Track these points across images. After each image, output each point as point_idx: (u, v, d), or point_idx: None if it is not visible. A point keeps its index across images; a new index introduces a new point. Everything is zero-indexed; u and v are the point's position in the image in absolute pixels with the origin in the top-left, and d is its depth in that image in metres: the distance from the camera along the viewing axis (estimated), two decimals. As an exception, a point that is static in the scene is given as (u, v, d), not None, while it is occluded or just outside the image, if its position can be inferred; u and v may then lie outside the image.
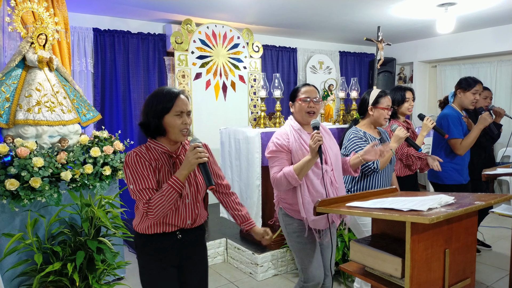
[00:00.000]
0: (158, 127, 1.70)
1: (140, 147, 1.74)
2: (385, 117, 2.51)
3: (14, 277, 2.76)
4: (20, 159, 2.71)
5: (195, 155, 1.63)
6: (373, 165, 2.38)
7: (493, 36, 5.77)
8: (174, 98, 1.70)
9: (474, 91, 3.10)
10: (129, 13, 4.74)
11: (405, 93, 2.98)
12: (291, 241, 2.23)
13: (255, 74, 5.65)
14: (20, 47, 3.05)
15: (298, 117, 2.20)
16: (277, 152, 2.11)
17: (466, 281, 1.59)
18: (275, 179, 2.10)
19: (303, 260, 2.19)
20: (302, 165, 2.03)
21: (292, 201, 2.15)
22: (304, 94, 2.17)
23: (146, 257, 1.79)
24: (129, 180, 1.68)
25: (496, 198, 1.56)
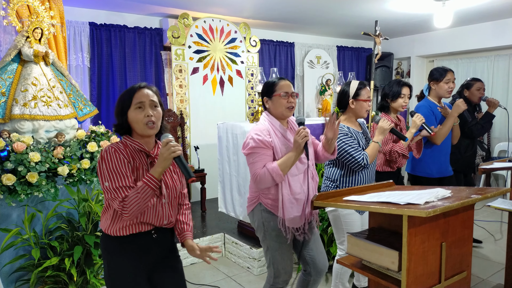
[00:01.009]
0: (123, 124, 1.67)
1: (117, 143, 1.68)
2: (366, 109, 2.44)
3: (11, 272, 2.76)
4: (17, 154, 2.70)
5: (169, 150, 1.57)
6: (363, 161, 2.33)
7: (491, 31, 5.77)
8: (133, 92, 1.66)
9: (446, 80, 3.07)
10: (125, 7, 4.71)
11: (402, 89, 2.86)
12: (268, 239, 2.14)
13: (252, 69, 5.64)
14: (16, 41, 3.02)
15: (277, 112, 2.11)
16: (257, 148, 2.03)
17: (462, 274, 1.60)
18: (258, 176, 2.02)
19: (275, 258, 2.14)
20: (286, 160, 1.98)
21: (275, 196, 2.08)
22: (281, 89, 2.09)
23: (120, 260, 1.69)
24: (104, 176, 1.60)
25: (492, 191, 1.57)
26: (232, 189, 3.76)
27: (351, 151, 2.35)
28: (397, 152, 2.76)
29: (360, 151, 2.36)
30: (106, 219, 1.71)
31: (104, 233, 1.72)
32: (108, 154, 1.61)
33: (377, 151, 2.43)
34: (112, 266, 1.71)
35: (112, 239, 1.69)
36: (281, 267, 2.15)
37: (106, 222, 1.70)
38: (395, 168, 2.89)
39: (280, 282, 2.18)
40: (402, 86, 2.88)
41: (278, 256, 2.14)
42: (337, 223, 2.48)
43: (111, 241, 1.70)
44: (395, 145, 2.77)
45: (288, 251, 2.16)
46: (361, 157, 2.34)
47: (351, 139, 2.39)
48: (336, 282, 2.60)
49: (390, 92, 2.90)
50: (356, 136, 2.44)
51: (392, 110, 2.95)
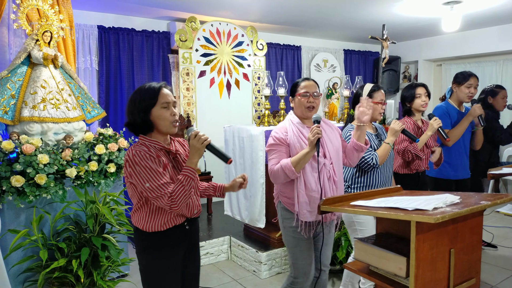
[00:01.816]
0: (146, 122, 1.71)
1: (138, 145, 1.71)
2: (379, 111, 2.48)
3: (19, 273, 2.78)
4: (26, 156, 2.72)
5: (199, 140, 1.67)
6: (372, 161, 2.36)
7: (499, 35, 5.73)
8: (158, 91, 1.71)
9: (468, 84, 3.09)
10: (133, 10, 4.75)
11: (416, 89, 2.90)
12: (286, 236, 2.21)
13: (259, 72, 5.65)
14: (25, 44, 3.06)
15: (298, 112, 2.19)
16: (275, 145, 2.11)
17: (471, 281, 1.58)
18: (272, 171, 2.09)
19: (295, 256, 2.18)
20: (300, 157, 2.02)
21: (291, 195, 2.14)
22: (303, 89, 2.15)
23: (156, 254, 1.77)
24: (143, 178, 1.63)
25: (502, 198, 1.55)
26: (238, 193, 3.76)
27: None
28: (410, 152, 2.77)
29: (370, 151, 2.39)
30: (141, 217, 1.75)
31: (140, 230, 1.76)
32: (140, 156, 1.65)
33: (388, 152, 2.44)
34: (149, 261, 1.78)
35: (149, 235, 1.75)
36: (301, 264, 2.17)
37: (142, 220, 1.75)
38: (413, 170, 2.88)
39: (299, 283, 2.20)
40: (415, 87, 2.93)
41: (298, 254, 2.18)
42: (352, 225, 2.50)
43: (148, 237, 1.76)
44: (409, 145, 2.78)
45: (308, 249, 2.18)
46: (371, 156, 2.37)
47: None
48: (346, 282, 2.63)
49: (406, 96, 2.97)
50: (368, 136, 2.45)
51: (415, 112, 2.98)
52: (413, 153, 2.76)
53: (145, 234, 1.76)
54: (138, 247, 1.82)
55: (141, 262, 1.81)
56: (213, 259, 3.76)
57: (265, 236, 3.64)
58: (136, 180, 1.65)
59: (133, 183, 1.68)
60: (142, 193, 1.68)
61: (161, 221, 1.74)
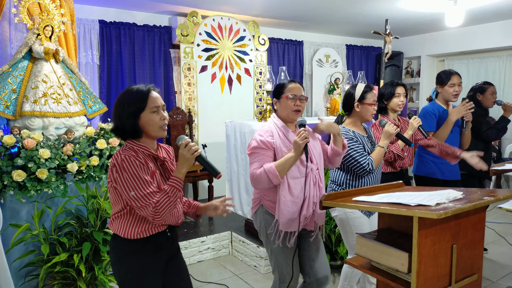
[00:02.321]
0: (135, 128, 1.64)
1: (127, 150, 1.64)
2: (371, 112, 2.41)
3: (21, 268, 2.78)
4: (27, 151, 2.72)
5: (189, 151, 1.62)
6: (368, 166, 2.30)
7: (503, 30, 5.69)
8: (146, 95, 1.64)
9: (451, 84, 3.02)
10: (135, 5, 4.73)
11: (395, 88, 2.84)
12: (271, 243, 2.10)
13: (261, 67, 5.63)
14: (27, 38, 3.05)
15: (283, 114, 2.10)
16: (258, 148, 2.02)
17: (473, 277, 1.58)
18: (254, 176, 1.99)
19: (279, 262, 2.10)
20: (284, 162, 1.95)
21: (275, 198, 2.05)
22: (290, 91, 2.07)
23: (139, 261, 1.70)
24: (128, 186, 1.57)
25: (505, 194, 1.54)
26: (239, 188, 3.75)
27: (356, 156, 2.31)
28: (392, 152, 2.74)
29: (366, 156, 2.32)
30: (123, 224, 1.68)
31: (120, 238, 1.69)
32: (128, 162, 1.59)
33: (383, 155, 2.39)
34: (131, 269, 1.70)
35: (130, 242, 1.68)
36: (286, 272, 2.10)
37: (123, 227, 1.68)
38: (398, 168, 2.85)
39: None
40: (396, 86, 2.86)
41: (282, 261, 2.10)
42: (346, 228, 2.43)
43: (129, 244, 1.69)
44: (391, 146, 2.74)
45: (293, 255, 2.10)
46: (366, 162, 2.30)
47: (356, 143, 2.35)
48: (344, 284, 2.55)
49: (384, 93, 2.89)
50: (362, 140, 2.40)
51: (390, 111, 2.92)
52: (395, 153, 2.74)
53: (125, 241, 1.68)
54: (116, 255, 1.73)
55: (120, 270, 1.72)
56: (214, 254, 3.77)
57: (266, 231, 3.64)
58: (122, 187, 1.59)
59: (118, 189, 1.62)
60: (127, 201, 1.63)
61: (144, 227, 1.68)
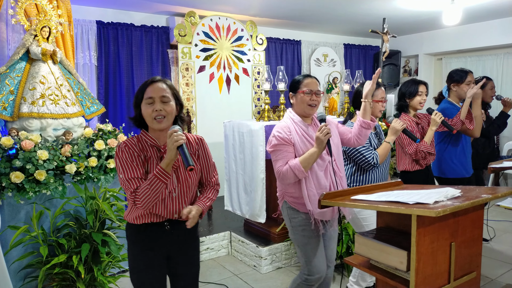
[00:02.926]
0: (136, 118, 1.76)
1: (131, 138, 1.77)
2: (380, 109, 2.48)
3: (20, 269, 2.78)
4: (25, 152, 2.72)
5: (171, 139, 1.62)
6: (373, 160, 2.36)
7: (500, 28, 5.69)
8: (145, 86, 1.72)
9: (468, 82, 3.09)
10: (132, 5, 4.72)
11: (418, 87, 2.89)
12: (295, 235, 2.20)
13: (259, 67, 5.63)
14: (24, 39, 3.04)
15: (299, 109, 2.16)
16: (279, 145, 2.08)
17: (471, 274, 1.58)
18: (280, 173, 2.07)
19: (307, 254, 2.17)
20: (308, 157, 2.02)
21: (297, 194, 2.13)
22: (306, 86, 2.12)
23: (136, 246, 1.82)
24: (118, 169, 1.72)
25: (503, 191, 1.54)
26: (238, 188, 3.75)
27: (362, 149, 2.38)
28: (423, 151, 2.78)
29: (371, 150, 2.39)
30: (128, 207, 1.83)
31: (126, 220, 1.85)
32: (120, 149, 1.72)
33: (389, 151, 2.45)
34: (130, 252, 1.85)
35: (130, 226, 1.82)
36: (314, 264, 2.16)
37: (127, 210, 1.83)
38: (423, 165, 2.89)
39: (313, 280, 2.18)
40: (418, 84, 2.91)
41: (310, 252, 2.16)
42: (356, 222, 2.50)
43: (130, 228, 1.83)
44: (419, 145, 2.78)
45: (319, 246, 2.18)
46: (372, 156, 2.37)
47: None
48: (355, 274, 2.63)
49: (407, 91, 2.93)
50: (369, 135, 2.45)
51: (411, 109, 2.97)
52: (425, 151, 2.79)
53: (127, 225, 1.84)
54: (126, 235, 1.89)
55: (128, 250, 1.88)
56: (214, 254, 3.77)
57: (266, 231, 3.65)
58: (116, 170, 1.74)
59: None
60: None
61: (137, 214, 1.77)
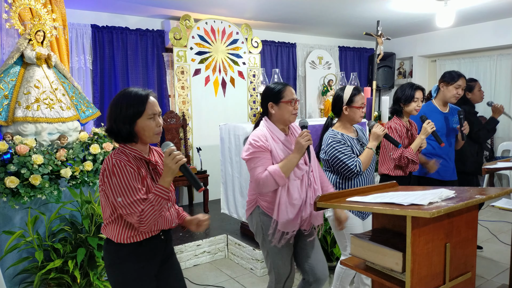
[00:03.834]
0: (131, 133, 1.63)
1: (118, 154, 1.64)
2: (360, 115, 2.42)
3: (15, 275, 2.76)
4: (20, 157, 2.70)
5: (173, 160, 1.58)
6: (356, 168, 2.31)
7: (493, 30, 5.75)
8: (145, 101, 1.63)
9: (457, 85, 3.01)
10: (127, 9, 4.72)
11: (415, 92, 2.79)
12: (266, 243, 2.12)
13: (254, 70, 5.64)
14: (18, 44, 3.03)
15: (280, 118, 2.11)
16: (257, 152, 2.03)
17: (466, 275, 1.59)
18: (260, 180, 2.00)
19: (276, 262, 2.12)
20: (288, 162, 1.99)
21: (272, 199, 2.08)
22: (288, 96, 2.10)
23: (134, 265, 1.70)
24: (116, 192, 1.57)
25: (497, 192, 1.56)
26: (234, 190, 3.75)
27: (344, 158, 2.33)
28: (407, 158, 2.71)
29: (353, 158, 2.33)
30: (114, 229, 1.68)
31: (113, 242, 1.69)
32: (119, 167, 1.58)
33: (371, 157, 2.39)
34: (126, 273, 1.70)
35: (123, 247, 1.68)
36: (282, 272, 2.12)
37: (115, 232, 1.68)
38: (407, 172, 2.83)
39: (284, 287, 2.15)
40: (415, 89, 2.80)
41: (279, 261, 2.11)
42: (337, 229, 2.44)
43: (122, 248, 1.68)
44: (405, 151, 2.71)
45: (289, 255, 2.14)
46: (354, 164, 2.31)
47: (344, 146, 2.36)
48: (336, 285, 2.56)
49: (402, 96, 2.83)
50: (350, 142, 2.41)
51: (405, 114, 2.88)
52: (410, 158, 2.71)
53: (118, 246, 1.68)
54: (110, 260, 1.73)
55: (114, 275, 1.72)
56: (210, 258, 3.76)
57: (262, 233, 3.64)
58: (110, 191, 1.59)
59: (106, 193, 1.62)
60: (115, 206, 1.62)
61: (136, 231, 1.68)
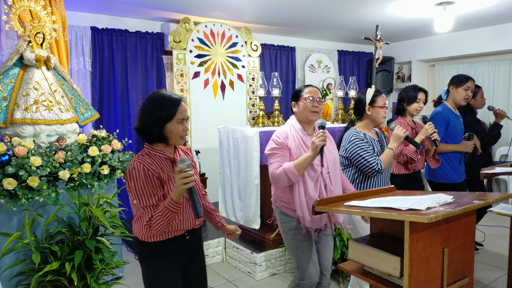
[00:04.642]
0: (159, 134, 1.69)
1: (142, 156, 1.70)
2: (382, 115, 2.52)
3: (12, 277, 2.75)
4: (18, 158, 2.70)
5: (181, 180, 1.57)
6: (377, 166, 2.38)
7: (491, 35, 5.77)
8: (177, 105, 1.70)
9: (466, 87, 3.15)
10: (127, 11, 4.73)
11: (418, 94, 2.97)
12: (287, 239, 2.24)
13: (253, 73, 5.64)
14: (18, 45, 3.03)
15: (302, 116, 2.22)
16: (277, 149, 2.14)
17: (464, 280, 1.59)
18: (274, 175, 2.11)
19: (299, 258, 2.20)
20: (302, 161, 2.06)
21: (288, 199, 2.17)
22: (308, 93, 2.20)
23: (156, 263, 1.76)
24: (133, 194, 1.65)
25: (495, 197, 1.56)
26: (232, 194, 3.75)
27: (366, 155, 2.40)
28: (405, 155, 2.86)
29: (375, 156, 2.41)
30: (140, 227, 1.74)
31: (140, 240, 1.76)
32: (137, 172, 1.63)
33: (391, 157, 2.48)
34: (150, 270, 1.77)
35: (148, 245, 1.74)
36: (305, 268, 2.19)
37: (141, 230, 1.74)
38: (411, 170, 2.94)
39: (305, 284, 2.21)
40: (418, 91, 2.99)
41: (301, 255, 2.19)
42: (355, 229, 2.51)
43: (147, 247, 1.75)
44: (404, 148, 2.86)
45: (310, 250, 2.21)
46: (376, 162, 2.39)
47: (367, 144, 2.44)
48: (354, 283, 2.63)
49: (406, 97, 3.01)
50: (372, 142, 2.49)
51: (408, 114, 3.06)
52: (408, 156, 2.84)
53: (144, 244, 1.75)
54: (139, 256, 1.82)
55: (143, 270, 1.80)
56: (208, 261, 3.75)
57: (260, 237, 3.64)
58: (129, 192, 1.67)
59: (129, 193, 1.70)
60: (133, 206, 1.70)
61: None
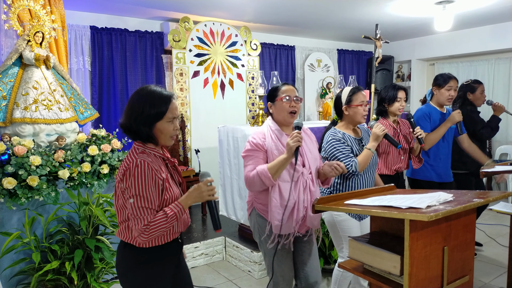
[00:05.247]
0: (148, 134, 1.59)
1: (142, 154, 1.59)
2: (362, 114, 2.38)
3: (12, 276, 2.75)
4: (18, 158, 2.70)
5: (209, 191, 1.57)
6: (352, 168, 2.27)
7: (491, 34, 5.77)
8: (168, 103, 1.60)
9: (448, 87, 3.08)
10: (126, 11, 4.72)
11: (397, 92, 2.87)
12: (263, 244, 2.12)
13: (253, 72, 5.64)
14: (17, 45, 3.03)
15: (279, 117, 2.10)
16: (252, 151, 2.03)
17: (464, 278, 1.59)
18: (248, 178, 2.00)
19: (272, 264, 2.10)
20: (277, 163, 1.94)
21: (265, 201, 2.06)
22: (284, 93, 2.08)
23: (153, 269, 1.65)
24: (131, 192, 1.52)
25: (495, 195, 1.56)
26: (233, 192, 3.75)
27: (341, 156, 2.30)
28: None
29: (351, 157, 2.30)
30: (130, 232, 1.62)
31: (132, 246, 1.62)
32: (141, 169, 1.52)
33: (370, 158, 2.34)
34: (144, 277, 1.65)
35: (143, 251, 1.63)
36: (279, 274, 2.11)
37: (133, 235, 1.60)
38: (393, 172, 2.87)
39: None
40: (397, 90, 2.89)
41: (275, 263, 2.10)
42: (334, 230, 2.43)
43: (143, 253, 1.63)
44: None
45: (286, 258, 2.12)
46: (350, 163, 2.28)
47: (343, 145, 2.34)
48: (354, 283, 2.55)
49: (386, 97, 2.92)
50: (351, 142, 2.39)
51: (390, 114, 2.96)
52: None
53: (138, 250, 1.62)
54: (127, 264, 1.65)
55: (132, 281, 1.65)
56: (208, 260, 3.75)
57: (260, 236, 3.64)
58: (125, 189, 1.55)
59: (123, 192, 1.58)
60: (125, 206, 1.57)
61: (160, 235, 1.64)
